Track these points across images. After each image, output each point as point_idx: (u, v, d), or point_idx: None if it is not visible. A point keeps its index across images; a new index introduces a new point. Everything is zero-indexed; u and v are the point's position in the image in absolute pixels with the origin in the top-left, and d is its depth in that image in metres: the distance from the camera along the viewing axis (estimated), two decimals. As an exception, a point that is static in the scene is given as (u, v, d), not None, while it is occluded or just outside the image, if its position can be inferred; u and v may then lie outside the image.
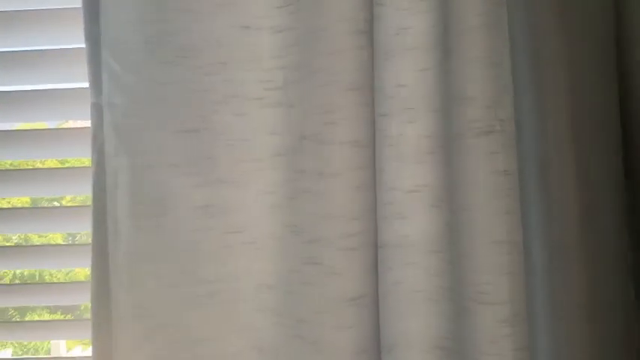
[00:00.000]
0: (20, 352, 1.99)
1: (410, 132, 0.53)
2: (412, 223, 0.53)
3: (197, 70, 0.52)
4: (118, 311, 0.53)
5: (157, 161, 0.53)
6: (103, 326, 0.54)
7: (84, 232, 0.67)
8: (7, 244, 1.72)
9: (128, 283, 0.53)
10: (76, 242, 1.79)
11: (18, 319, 1.92)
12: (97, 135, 0.54)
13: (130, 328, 0.53)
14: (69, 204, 1.83)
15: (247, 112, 0.53)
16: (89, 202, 0.55)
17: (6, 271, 1.60)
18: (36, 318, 2.11)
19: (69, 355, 1.54)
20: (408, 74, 0.52)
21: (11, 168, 0.70)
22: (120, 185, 0.53)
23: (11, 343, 1.48)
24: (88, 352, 0.56)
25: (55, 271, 1.99)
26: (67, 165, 0.95)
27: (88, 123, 0.55)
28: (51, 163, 1.02)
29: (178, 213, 0.53)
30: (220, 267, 0.53)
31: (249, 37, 0.52)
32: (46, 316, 2.13)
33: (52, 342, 1.68)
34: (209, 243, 0.53)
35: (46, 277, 2.05)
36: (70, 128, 0.69)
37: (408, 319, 0.53)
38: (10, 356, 1.30)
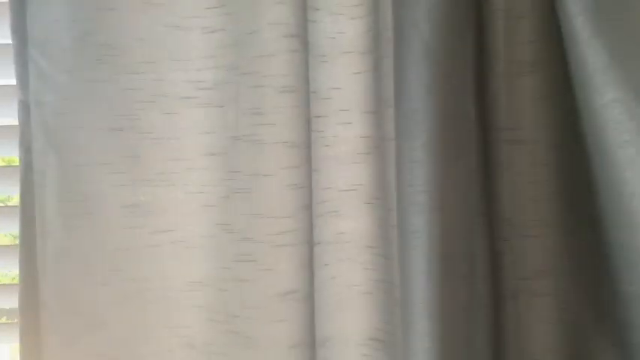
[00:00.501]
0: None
1: (345, 133, 0.54)
2: (347, 220, 0.54)
3: (125, 68, 0.52)
4: (46, 312, 0.52)
5: (85, 160, 0.53)
6: (32, 329, 0.53)
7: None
8: (-51, 245, 1.64)
9: (57, 283, 0.53)
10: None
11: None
12: (25, 133, 0.54)
13: (59, 328, 0.53)
14: (15, 204, 1.75)
15: (177, 111, 0.53)
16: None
17: (-53, 274, 1.54)
18: (-20, 323, 2.02)
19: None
20: (342, 77, 0.54)
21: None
22: (48, 184, 0.53)
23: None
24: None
25: (1, 275, 1.91)
26: (13, 164, 0.92)
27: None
28: (-4, 161, 0.97)
29: (107, 212, 0.53)
30: (149, 265, 0.53)
31: (179, 36, 0.53)
32: (-8, 321, 2.05)
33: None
34: (138, 241, 0.53)
35: (-9, 280, 1.97)
36: (15, 126, 0.67)
37: (344, 313, 0.55)
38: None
